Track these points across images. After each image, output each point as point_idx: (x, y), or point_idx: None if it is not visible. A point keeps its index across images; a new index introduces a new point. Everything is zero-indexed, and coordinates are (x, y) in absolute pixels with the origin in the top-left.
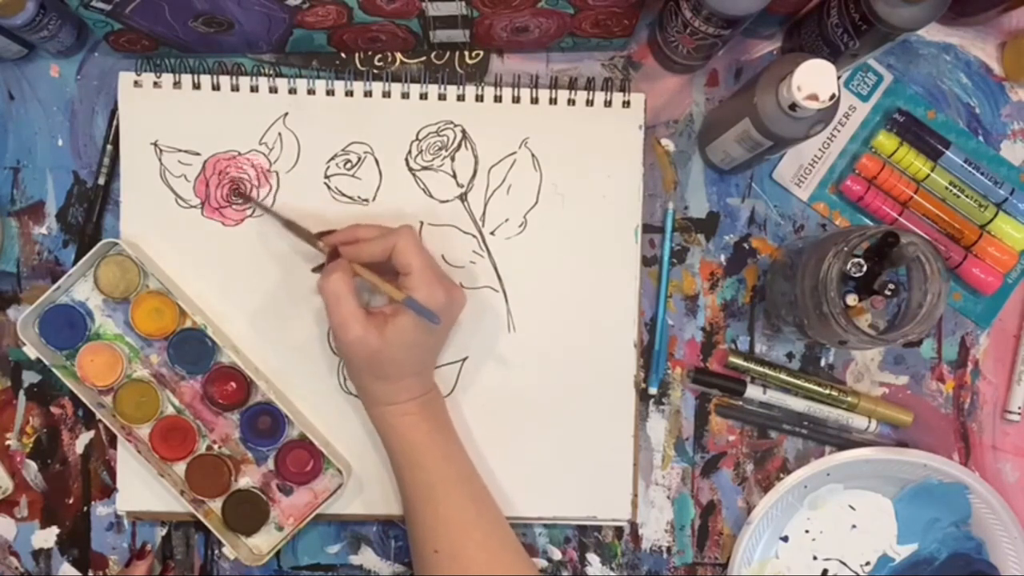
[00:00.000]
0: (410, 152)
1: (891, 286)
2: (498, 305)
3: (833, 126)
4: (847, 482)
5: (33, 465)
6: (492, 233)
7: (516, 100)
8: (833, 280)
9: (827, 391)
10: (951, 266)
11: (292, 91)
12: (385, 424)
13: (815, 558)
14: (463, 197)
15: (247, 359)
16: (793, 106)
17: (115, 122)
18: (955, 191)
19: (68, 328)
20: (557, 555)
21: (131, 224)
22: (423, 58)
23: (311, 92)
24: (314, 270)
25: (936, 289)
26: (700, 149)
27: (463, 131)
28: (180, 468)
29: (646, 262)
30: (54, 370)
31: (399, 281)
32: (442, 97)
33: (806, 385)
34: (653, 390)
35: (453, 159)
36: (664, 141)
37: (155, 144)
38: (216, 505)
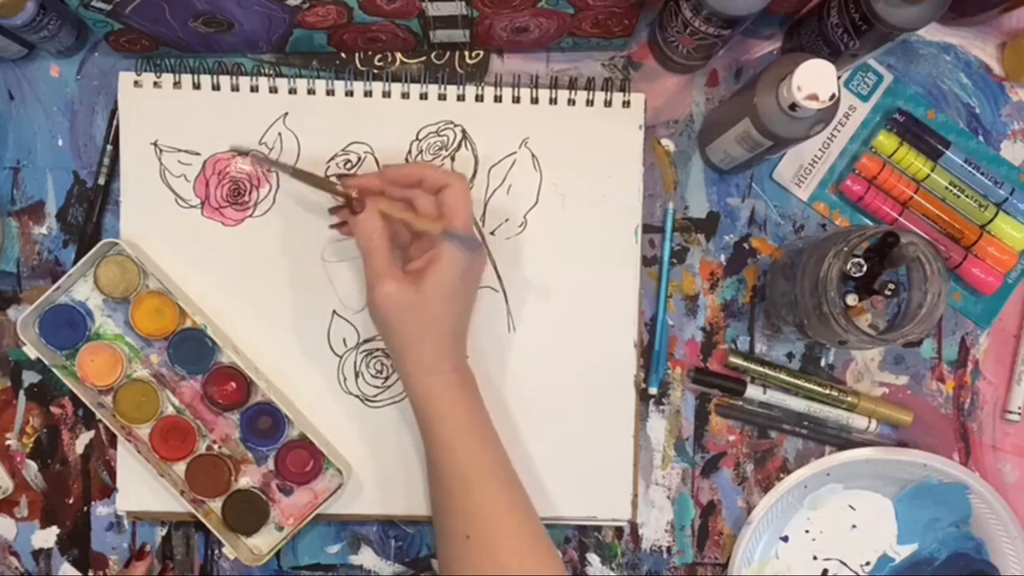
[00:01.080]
0: (410, 152)
1: (891, 286)
2: (498, 305)
3: (833, 126)
4: (847, 482)
5: (33, 465)
6: (492, 233)
7: (516, 100)
8: (833, 280)
9: (827, 391)
10: (951, 266)
11: (292, 91)
12: (427, 399)
13: (815, 558)
14: None
15: (247, 359)
16: (793, 106)
17: (115, 122)
18: (955, 191)
19: (68, 328)
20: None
21: (131, 224)
22: (423, 58)
23: (311, 92)
24: (333, 226)
25: (936, 289)
26: (700, 149)
27: (463, 131)
28: (180, 468)
29: (646, 262)
30: (54, 370)
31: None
32: (442, 97)
33: (806, 385)
34: (653, 390)
35: (453, 159)
36: (664, 141)
37: (155, 144)
38: (216, 505)
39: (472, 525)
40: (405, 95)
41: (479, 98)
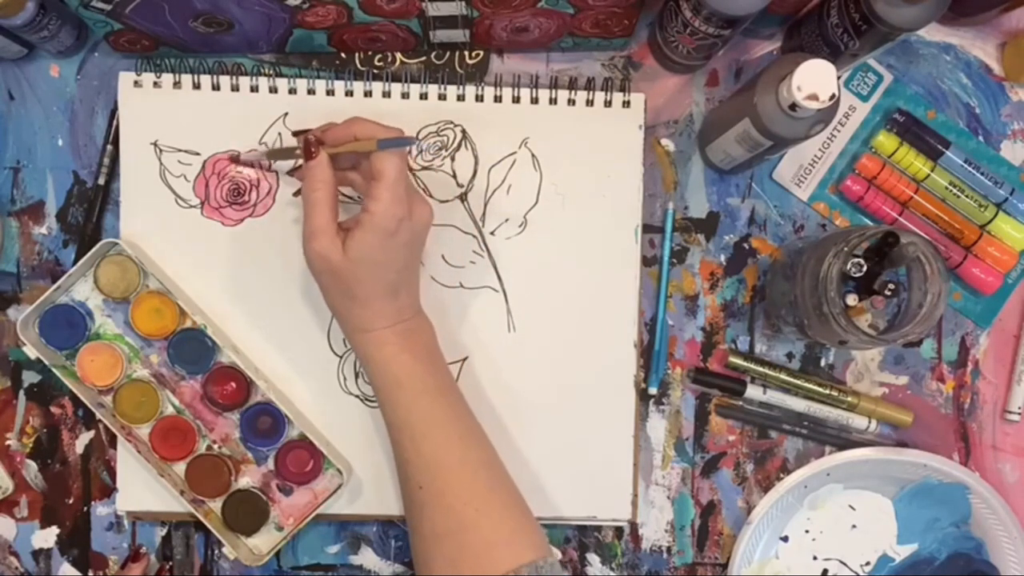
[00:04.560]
0: (410, 152)
1: (891, 286)
2: (498, 305)
3: (833, 126)
4: (847, 482)
5: (33, 465)
6: (492, 233)
7: (516, 100)
8: (833, 280)
9: (827, 391)
10: (951, 266)
11: (292, 91)
12: (364, 355)
13: (815, 558)
14: (463, 197)
15: (247, 359)
16: (793, 106)
17: (115, 122)
18: (955, 191)
19: (68, 328)
20: (557, 555)
21: (131, 224)
22: (423, 58)
23: (311, 92)
24: (290, 172)
25: (936, 289)
26: (700, 149)
27: (463, 131)
28: (180, 468)
29: (646, 262)
30: (54, 370)
31: (367, 187)
32: (442, 97)
33: (806, 385)
34: (653, 390)
35: (453, 159)
36: (664, 141)
37: (155, 144)
38: (216, 505)
39: (423, 475)
40: (405, 95)
41: (479, 98)
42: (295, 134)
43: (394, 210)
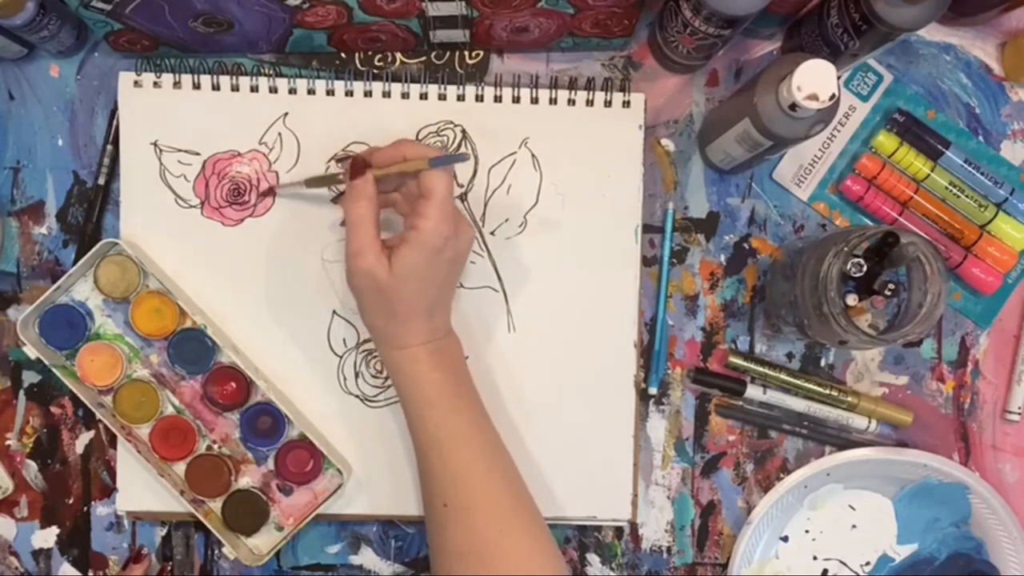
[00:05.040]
0: None
1: (891, 286)
2: (498, 305)
3: (833, 126)
4: (847, 482)
5: (33, 465)
6: (492, 233)
7: (516, 100)
8: (833, 280)
9: (827, 391)
10: (951, 266)
11: (292, 91)
12: (396, 370)
13: (815, 558)
14: (463, 197)
15: (247, 359)
16: (793, 106)
17: (115, 122)
18: (955, 191)
19: (68, 328)
20: None
21: (131, 224)
22: (423, 58)
23: (311, 92)
24: (334, 200)
25: (936, 289)
26: (700, 149)
27: (463, 131)
28: (180, 468)
29: (646, 262)
30: (54, 370)
31: (414, 205)
32: (442, 97)
33: (806, 385)
34: (653, 390)
35: None
36: (664, 141)
37: (155, 144)
38: (216, 505)
39: (448, 492)
40: (405, 95)
41: (479, 98)
42: (338, 161)
43: (442, 228)
